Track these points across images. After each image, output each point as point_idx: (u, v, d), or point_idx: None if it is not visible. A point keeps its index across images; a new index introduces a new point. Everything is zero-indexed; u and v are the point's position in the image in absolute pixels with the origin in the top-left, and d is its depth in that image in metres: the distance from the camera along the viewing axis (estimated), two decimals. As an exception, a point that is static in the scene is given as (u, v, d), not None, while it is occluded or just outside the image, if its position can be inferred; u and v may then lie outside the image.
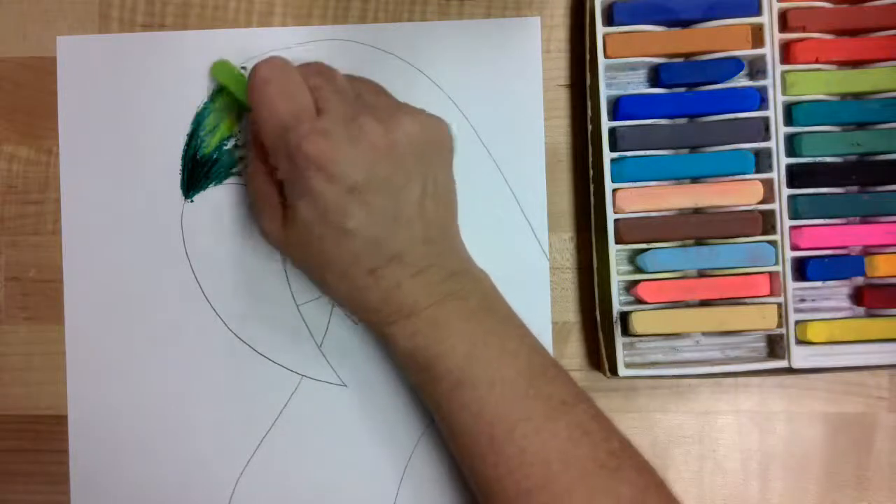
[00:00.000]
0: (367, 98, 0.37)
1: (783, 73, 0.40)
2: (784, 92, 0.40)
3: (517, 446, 0.34)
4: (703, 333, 0.41)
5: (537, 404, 0.35)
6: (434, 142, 0.36)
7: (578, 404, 0.35)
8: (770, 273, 0.40)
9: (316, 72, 0.36)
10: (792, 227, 0.40)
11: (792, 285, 0.40)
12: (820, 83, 0.40)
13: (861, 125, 0.40)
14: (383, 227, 0.34)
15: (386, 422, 0.41)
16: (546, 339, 0.41)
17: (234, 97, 0.41)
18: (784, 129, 0.40)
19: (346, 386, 0.42)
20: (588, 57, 0.40)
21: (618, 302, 0.40)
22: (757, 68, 0.40)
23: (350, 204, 0.34)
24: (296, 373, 0.42)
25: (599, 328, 0.41)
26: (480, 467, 0.35)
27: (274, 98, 0.35)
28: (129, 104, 0.42)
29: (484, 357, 0.35)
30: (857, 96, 0.40)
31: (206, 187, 0.42)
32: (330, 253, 0.35)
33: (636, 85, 0.41)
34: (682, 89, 0.40)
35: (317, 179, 0.33)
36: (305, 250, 0.36)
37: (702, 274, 0.41)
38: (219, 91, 0.42)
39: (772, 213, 0.40)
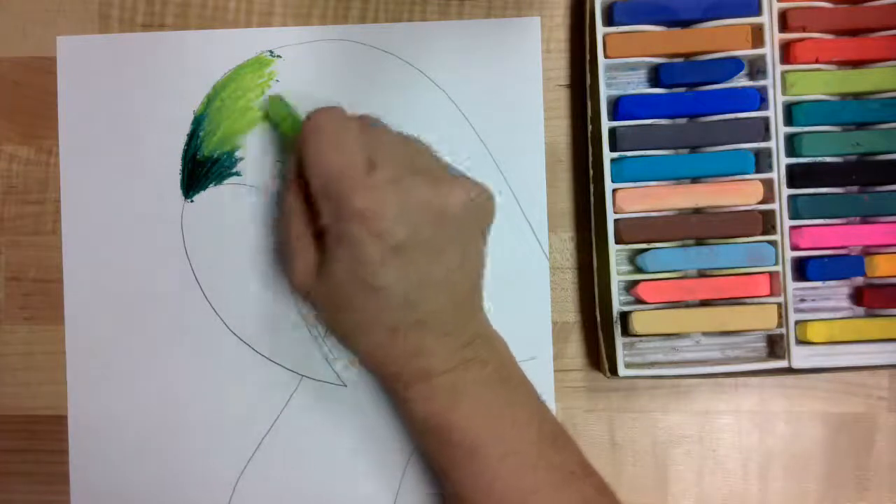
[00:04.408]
0: (417, 160, 0.37)
1: (783, 73, 0.40)
2: (784, 92, 0.40)
3: None
4: (703, 333, 0.41)
5: (546, 475, 0.35)
6: (478, 212, 0.36)
7: (586, 477, 0.36)
8: (770, 273, 0.40)
9: (370, 126, 0.37)
10: (792, 227, 0.40)
11: (792, 285, 0.40)
12: (820, 83, 0.40)
13: (861, 125, 0.40)
14: (414, 288, 0.35)
15: (386, 422, 0.41)
16: (546, 339, 0.41)
17: (282, 132, 0.40)
18: (784, 129, 0.40)
19: (345, 386, 0.42)
20: (588, 57, 0.40)
21: (618, 302, 0.40)
22: (757, 68, 0.40)
23: (388, 261, 0.34)
24: (296, 373, 0.42)
25: (599, 328, 0.41)
26: None
27: (327, 148, 0.35)
28: (129, 104, 0.42)
29: (498, 427, 0.35)
30: (857, 96, 0.40)
31: (206, 187, 0.42)
32: (356, 305, 0.35)
33: (636, 85, 0.41)
34: (682, 89, 0.40)
35: (361, 232, 0.33)
36: (332, 300, 0.36)
37: (702, 274, 0.41)
38: (218, 92, 0.42)
39: (772, 213, 0.40)
